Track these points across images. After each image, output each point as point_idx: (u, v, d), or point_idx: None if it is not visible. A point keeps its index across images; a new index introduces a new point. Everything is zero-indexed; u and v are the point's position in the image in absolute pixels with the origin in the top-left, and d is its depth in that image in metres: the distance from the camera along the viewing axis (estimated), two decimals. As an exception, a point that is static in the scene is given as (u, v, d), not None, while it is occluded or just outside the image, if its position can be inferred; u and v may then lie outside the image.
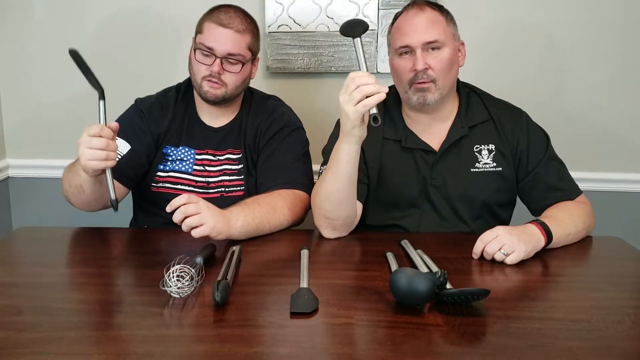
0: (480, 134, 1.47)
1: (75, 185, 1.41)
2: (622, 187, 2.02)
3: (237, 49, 1.48)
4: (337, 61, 1.98)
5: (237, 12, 1.51)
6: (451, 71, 1.41)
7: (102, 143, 1.27)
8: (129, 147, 1.51)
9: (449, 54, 1.39)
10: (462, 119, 1.47)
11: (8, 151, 2.19)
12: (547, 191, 1.46)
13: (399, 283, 1.00)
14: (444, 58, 1.38)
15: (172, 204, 1.24)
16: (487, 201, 1.47)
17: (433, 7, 1.42)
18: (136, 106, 1.61)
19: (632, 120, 1.97)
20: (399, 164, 1.47)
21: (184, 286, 1.03)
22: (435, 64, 1.38)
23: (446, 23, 1.41)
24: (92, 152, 1.27)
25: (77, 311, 1.02)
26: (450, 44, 1.40)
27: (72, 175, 1.41)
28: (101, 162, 1.28)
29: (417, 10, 1.40)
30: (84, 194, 1.41)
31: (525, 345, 0.89)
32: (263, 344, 0.90)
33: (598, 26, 1.92)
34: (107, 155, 1.28)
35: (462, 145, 1.46)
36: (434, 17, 1.40)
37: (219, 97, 1.50)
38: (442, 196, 1.46)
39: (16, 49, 2.09)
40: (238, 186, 1.56)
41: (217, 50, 1.47)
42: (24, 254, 1.39)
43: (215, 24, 1.48)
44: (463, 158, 1.46)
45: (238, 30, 1.48)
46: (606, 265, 1.28)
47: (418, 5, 1.42)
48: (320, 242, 1.38)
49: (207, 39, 1.48)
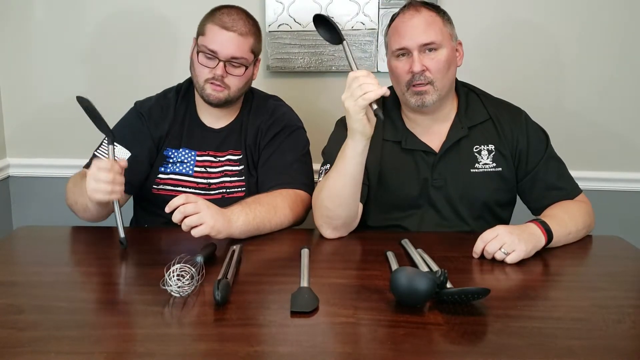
0: (480, 134, 1.47)
1: (81, 204, 1.43)
2: (622, 186, 2.02)
3: (240, 52, 1.47)
4: (338, 60, 1.98)
5: (240, 14, 1.50)
6: (449, 72, 1.41)
7: (109, 177, 1.29)
8: (129, 154, 1.51)
9: (446, 54, 1.39)
10: (461, 119, 1.47)
11: (8, 150, 2.19)
12: (547, 190, 1.46)
13: (400, 282, 1.00)
14: (441, 59, 1.38)
15: (171, 204, 1.25)
16: (488, 201, 1.47)
17: (429, 8, 1.41)
18: (136, 109, 1.60)
19: (632, 120, 1.97)
20: (399, 165, 1.47)
21: (184, 285, 1.03)
22: (432, 65, 1.38)
23: (443, 24, 1.40)
24: (99, 186, 1.29)
25: (77, 310, 1.02)
26: (447, 44, 1.40)
27: (78, 194, 1.43)
28: (105, 195, 1.30)
29: (413, 12, 1.40)
30: (89, 213, 1.44)
31: (525, 344, 0.89)
32: (263, 343, 0.90)
33: (598, 26, 1.92)
34: (112, 189, 1.30)
35: (462, 146, 1.46)
36: (430, 18, 1.39)
37: (222, 100, 1.50)
38: (443, 197, 1.46)
39: (17, 49, 2.09)
40: (239, 187, 1.56)
41: (220, 53, 1.46)
42: (24, 253, 1.40)
43: (218, 26, 1.46)
44: (463, 158, 1.46)
45: (241, 34, 1.47)
46: (606, 264, 1.28)
47: (414, 6, 1.41)
48: (321, 241, 1.38)
49: (211, 41, 1.46)
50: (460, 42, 1.47)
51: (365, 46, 1.94)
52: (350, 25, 1.94)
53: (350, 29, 1.95)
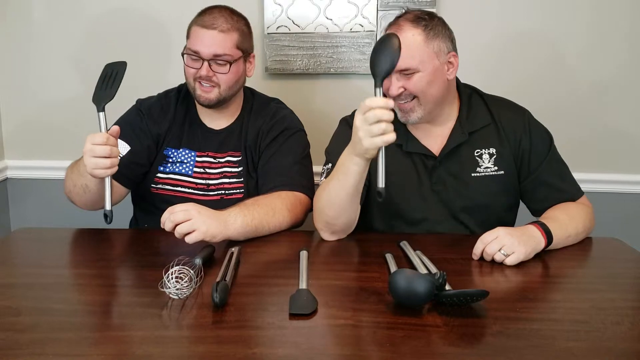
0: (481, 138, 1.46)
1: (80, 185, 1.41)
2: (621, 188, 2.02)
3: (222, 49, 1.47)
4: (336, 62, 1.98)
5: (222, 12, 1.50)
6: (432, 89, 1.37)
7: (105, 151, 1.27)
8: (128, 148, 1.51)
9: (424, 77, 1.35)
10: (462, 124, 1.45)
11: (7, 152, 2.18)
12: (548, 192, 1.45)
13: (398, 284, 1.00)
14: (418, 82, 1.35)
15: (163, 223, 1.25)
16: (490, 205, 1.46)
17: (414, 25, 1.35)
18: (136, 107, 1.62)
19: (633, 122, 1.98)
20: (399, 168, 1.46)
21: (182, 287, 1.03)
22: (410, 87, 1.36)
23: (425, 43, 1.34)
24: (97, 160, 1.27)
25: (75, 312, 1.02)
26: (427, 66, 1.34)
27: (76, 176, 1.42)
28: (107, 170, 1.28)
29: (394, 31, 1.34)
30: (89, 193, 1.42)
31: (524, 346, 0.89)
32: (262, 345, 0.90)
33: (602, 29, 1.92)
34: (112, 163, 1.28)
35: (462, 150, 1.45)
36: (411, 39, 1.33)
37: (213, 100, 1.51)
38: (443, 201, 1.45)
39: (15, 50, 2.09)
40: (238, 188, 1.56)
41: (202, 53, 1.47)
42: (22, 254, 1.39)
43: (199, 26, 1.48)
44: (464, 163, 1.45)
45: (222, 30, 1.47)
46: (605, 266, 1.28)
47: (397, 25, 1.36)
48: (320, 243, 1.38)
49: (193, 42, 1.48)
50: (455, 54, 1.40)
51: (363, 48, 1.94)
52: (348, 28, 1.95)
53: (349, 31, 1.95)
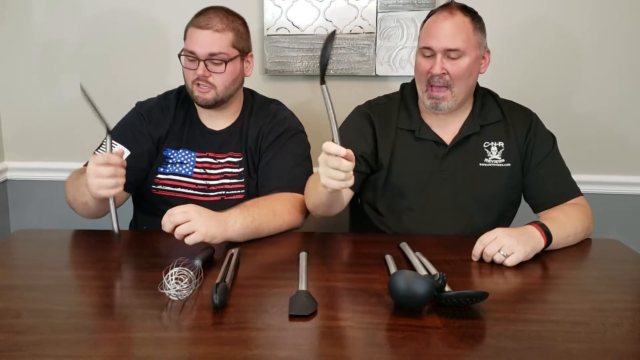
0: (491, 132, 1.51)
1: (80, 202, 1.42)
2: (620, 189, 2.02)
3: (217, 48, 1.48)
4: (336, 64, 1.98)
5: (217, 12, 1.51)
6: (469, 79, 1.43)
7: (110, 171, 1.27)
8: (128, 152, 1.51)
9: (468, 62, 1.40)
10: (475, 117, 1.50)
11: (6, 154, 2.18)
12: (548, 186, 1.48)
13: (398, 285, 1.00)
14: (463, 66, 1.40)
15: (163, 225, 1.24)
16: (495, 196, 1.49)
17: (465, 13, 1.42)
18: (136, 109, 1.61)
19: (634, 123, 1.98)
20: (410, 153, 1.50)
21: (182, 289, 1.03)
22: (453, 71, 1.40)
23: (473, 31, 1.41)
24: (101, 181, 1.27)
25: (75, 314, 1.02)
26: (472, 52, 1.41)
27: (77, 192, 1.42)
28: (111, 190, 1.28)
29: (447, 14, 1.41)
30: (90, 210, 1.43)
31: (523, 348, 0.89)
32: (261, 347, 0.90)
33: (602, 29, 1.92)
34: (117, 183, 1.28)
35: (472, 141, 1.50)
36: (462, 24, 1.40)
37: (210, 100, 1.51)
38: (450, 188, 1.49)
39: (15, 51, 2.09)
40: (238, 189, 1.56)
41: (198, 53, 1.47)
42: (22, 256, 1.39)
43: (195, 27, 1.49)
44: (472, 153, 1.49)
45: (217, 30, 1.48)
46: (605, 268, 1.28)
47: (449, 8, 1.43)
48: (319, 244, 1.38)
49: (189, 43, 1.49)
50: (489, 51, 1.48)
51: (363, 50, 1.95)
52: (348, 29, 1.95)
53: (349, 33, 1.95)
